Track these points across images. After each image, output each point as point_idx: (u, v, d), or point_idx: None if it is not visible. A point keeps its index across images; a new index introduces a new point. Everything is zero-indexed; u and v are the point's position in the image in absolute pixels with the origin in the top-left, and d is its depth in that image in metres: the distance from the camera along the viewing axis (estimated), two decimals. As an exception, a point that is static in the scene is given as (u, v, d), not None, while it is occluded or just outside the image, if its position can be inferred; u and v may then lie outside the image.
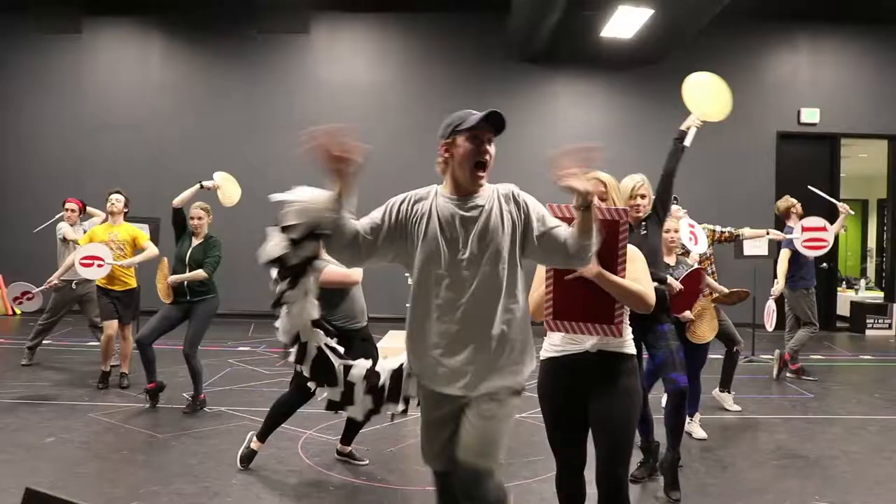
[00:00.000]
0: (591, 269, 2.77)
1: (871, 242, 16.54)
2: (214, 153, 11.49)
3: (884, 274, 12.87)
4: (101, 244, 6.52)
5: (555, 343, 3.08)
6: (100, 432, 5.23)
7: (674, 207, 5.87)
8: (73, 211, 7.77)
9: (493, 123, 2.65)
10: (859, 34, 11.71)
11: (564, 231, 2.59)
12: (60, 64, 11.64)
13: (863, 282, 13.82)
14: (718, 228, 6.49)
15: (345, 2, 11.58)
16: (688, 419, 5.43)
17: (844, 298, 12.21)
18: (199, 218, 5.93)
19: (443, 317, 2.58)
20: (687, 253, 5.90)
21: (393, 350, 7.70)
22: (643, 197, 4.41)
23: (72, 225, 7.72)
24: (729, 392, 6.36)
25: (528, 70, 11.55)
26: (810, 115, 11.61)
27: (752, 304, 9.05)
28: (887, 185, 12.04)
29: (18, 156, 11.63)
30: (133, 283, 6.93)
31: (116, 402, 6.07)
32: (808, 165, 11.75)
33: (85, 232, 7.38)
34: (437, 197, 2.67)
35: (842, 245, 13.77)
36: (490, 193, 2.68)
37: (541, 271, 3.04)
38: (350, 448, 4.72)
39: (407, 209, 2.65)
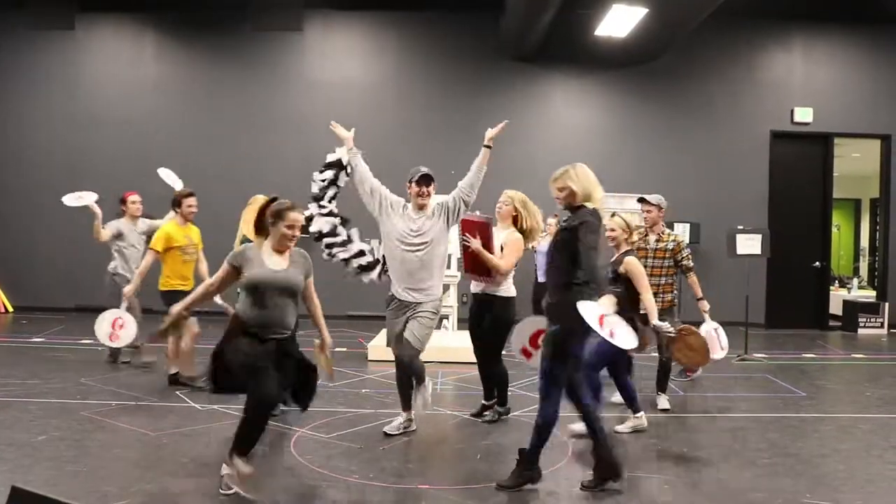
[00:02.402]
0: (476, 247, 5.36)
1: (864, 242, 16.61)
2: (208, 150, 11.48)
3: (876, 273, 12.92)
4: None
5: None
6: (92, 430, 5.22)
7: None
8: (135, 203, 7.64)
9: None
10: (853, 34, 11.75)
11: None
12: (54, 60, 11.61)
13: (855, 281, 13.87)
14: (686, 252, 6.25)
15: (338, -1, 11.58)
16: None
17: (837, 297, 12.26)
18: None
19: None
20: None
21: (382, 349, 7.74)
22: (560, 190, 4.31)
23: (134, 218, 7.60)
24: (662, 393, 6.29)
25: (522, 68, 11.56)
26: (804, 115, 11.64)
27: (745, 302, 9.09)
28: (880, 185, 12.07)
29: (11, 152, 11.59)
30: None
31: (108, 401, 6.05)
32: (801, 164, 11.79)
33: (145, 233, 7.35)
34: None
35: (835, 244, 13.82)
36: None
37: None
38: None
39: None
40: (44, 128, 11.57)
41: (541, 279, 8.51)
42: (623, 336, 4.00)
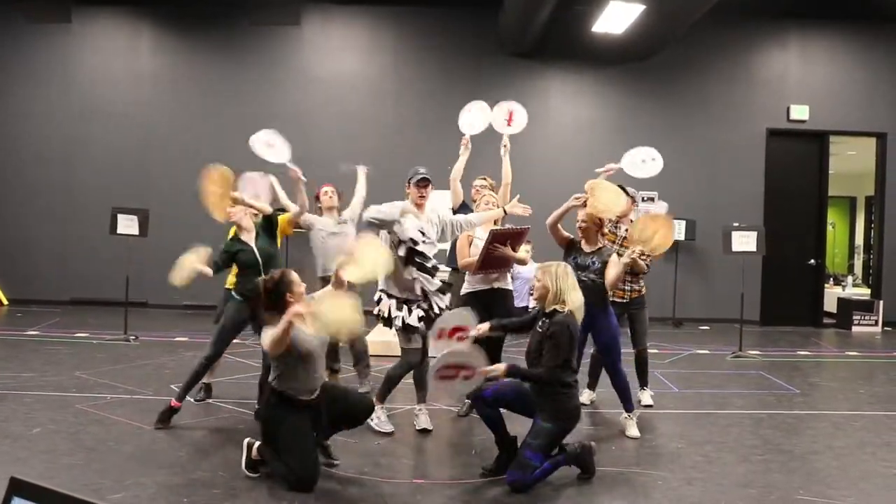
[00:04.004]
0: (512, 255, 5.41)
1: (859, 239, 16.65)
2: (204, 144, 11.45)
3: (871, 271, 12.95)
4: None
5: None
6: (87, 423, 5.22)
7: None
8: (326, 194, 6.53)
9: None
10: (849, 32, 11.76)
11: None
12: (50, 53, 11.56)
13: (850, 278, 13.90)
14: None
15: (336, -6, 11.55)
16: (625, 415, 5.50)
17: (832, 295, 12.29)
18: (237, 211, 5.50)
19: None
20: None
21: (380, 344, 7.75)
22: (538, 280, 4.82)
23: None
24: (645, 388, 6.26)
25: (519, 64, 11.55)
26: (800, 112, 11.65)
27: (741, 299, 9.11)
28: (875, 183, 12.09)
29: (7, 145, 11.55)
30: None
31: (103, 394, 6.05)
32: (796, 162, 11.81)
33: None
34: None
35: (829, 242, 13.85)
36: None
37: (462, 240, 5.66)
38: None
39: None
40: (40, 121, 11.53)
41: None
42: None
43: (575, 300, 4.47)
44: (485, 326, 4.65)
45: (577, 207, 5.51)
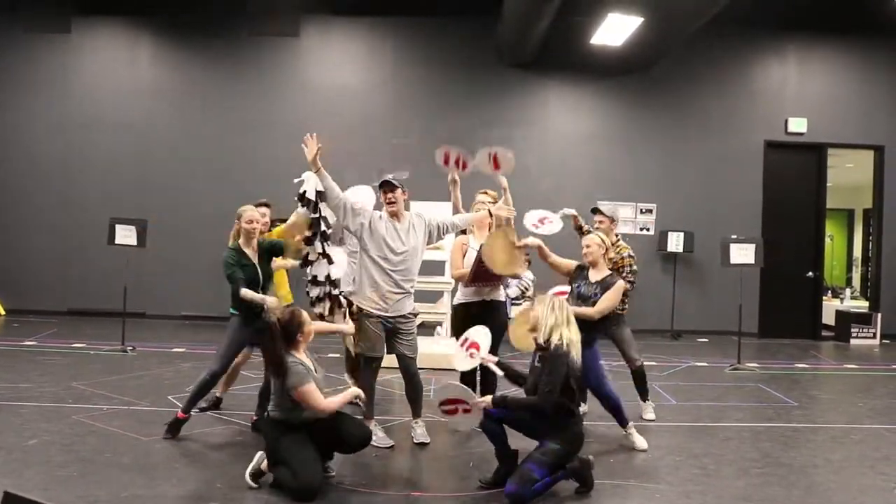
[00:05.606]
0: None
1: (857, 252, 16.64)
2: (203, 155, 11.47)
3: (869, 283, 12.95)
4: None
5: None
6: (83, 434, 5.19)
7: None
8: None
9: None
10: (847, 45, 11.80)
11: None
12: (50, 63, 11.58)
13: (848, 291, 13.89)
14: (630, 269, 5.94)
15: (335, 5, 11.57)
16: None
17: (830, 307, 12.28)
18: (259, 221, 5.37)
19: None
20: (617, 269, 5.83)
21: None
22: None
23: None
24: (647, 401, 6.20)
25: (518, 76, 11.58)
26: (798, 125, 11.67)
27: (739, 312, 9.10)
28: (873, 195, 12.11)
29: (5, 155, 11.55)
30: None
31: (100, 405, 6.03)
32: (795, 174, 11.83)
33: None
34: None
35: (828, 254, 13.85)
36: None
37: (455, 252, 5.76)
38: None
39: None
40: (39, 131, 11.54)
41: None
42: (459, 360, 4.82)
43: (567, 336, 4.38)
44: (492, 359, 4.67)
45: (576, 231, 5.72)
